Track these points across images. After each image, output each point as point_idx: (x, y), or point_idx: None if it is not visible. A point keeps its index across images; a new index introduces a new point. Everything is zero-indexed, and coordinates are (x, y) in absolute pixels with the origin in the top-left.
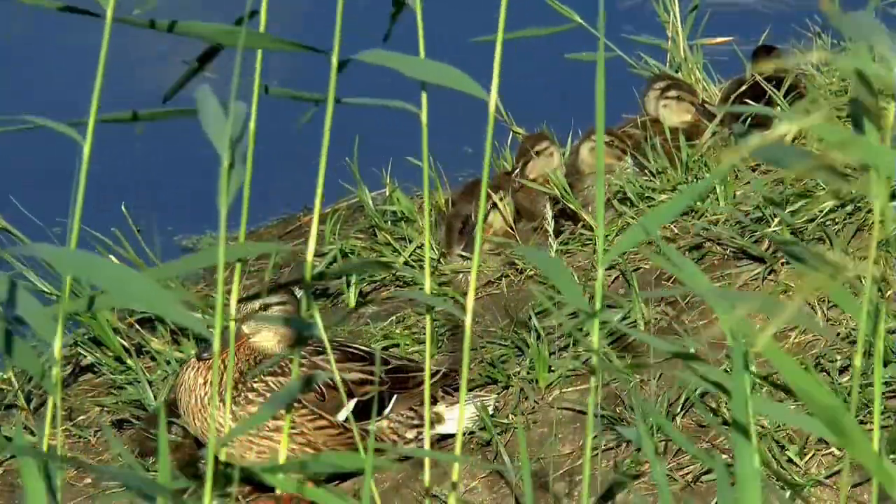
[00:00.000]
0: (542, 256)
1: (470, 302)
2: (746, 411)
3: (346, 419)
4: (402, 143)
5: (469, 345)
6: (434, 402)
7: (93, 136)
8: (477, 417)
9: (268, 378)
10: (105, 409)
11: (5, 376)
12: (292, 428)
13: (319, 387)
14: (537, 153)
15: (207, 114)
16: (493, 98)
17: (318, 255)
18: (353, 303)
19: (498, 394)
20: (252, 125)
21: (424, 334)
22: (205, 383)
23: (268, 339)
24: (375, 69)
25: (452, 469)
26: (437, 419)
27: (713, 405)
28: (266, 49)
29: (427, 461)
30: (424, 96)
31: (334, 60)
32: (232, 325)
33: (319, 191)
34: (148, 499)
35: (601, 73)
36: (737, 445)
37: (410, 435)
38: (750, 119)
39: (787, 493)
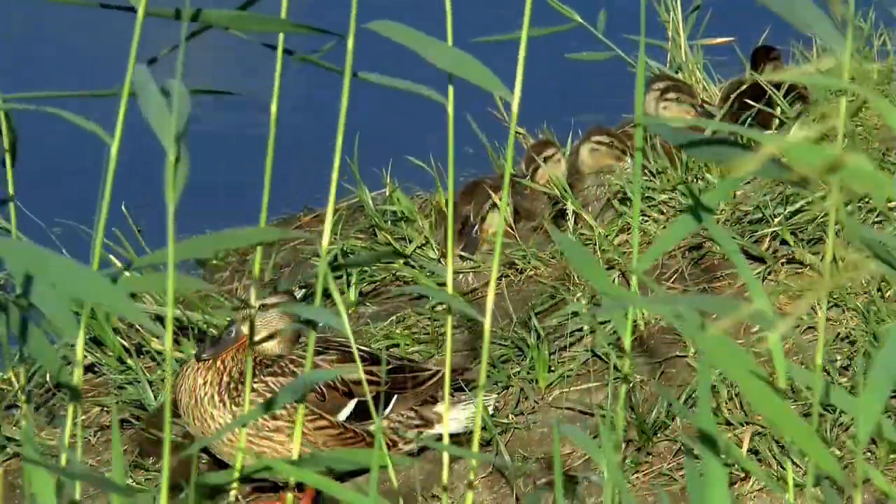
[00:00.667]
0: (574, 246)
1: (490, 304)
2: (711, 420)
3: (347, 419)
4: (403, 143)
5: (488, 345)
6: (434, 402)
7: (122, 134)
8: None
9: (267, 378)
10: (105, 409)
11: (5, 376)
12: (292, 428)
13: (319, 387)
14: (545, 160)
15: (149, 102)
16: (517, 97)
17: (318, 255)
18: (352, 302)
19: (498, 394)
20: (273, 108)
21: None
22: (204, 383)
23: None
24: (379, 71)
25: (467, 466)
26: (438, 419)
27: (713, 404)
28: (280, 32)
29: (445, 457)
30: (451, 90)
31: (350, 43)
32: (254, 313)
33: (335, 174)
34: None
35: (642, 62)
36: (704, 453)
37: (411, 435)
38: (750, 119)
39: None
